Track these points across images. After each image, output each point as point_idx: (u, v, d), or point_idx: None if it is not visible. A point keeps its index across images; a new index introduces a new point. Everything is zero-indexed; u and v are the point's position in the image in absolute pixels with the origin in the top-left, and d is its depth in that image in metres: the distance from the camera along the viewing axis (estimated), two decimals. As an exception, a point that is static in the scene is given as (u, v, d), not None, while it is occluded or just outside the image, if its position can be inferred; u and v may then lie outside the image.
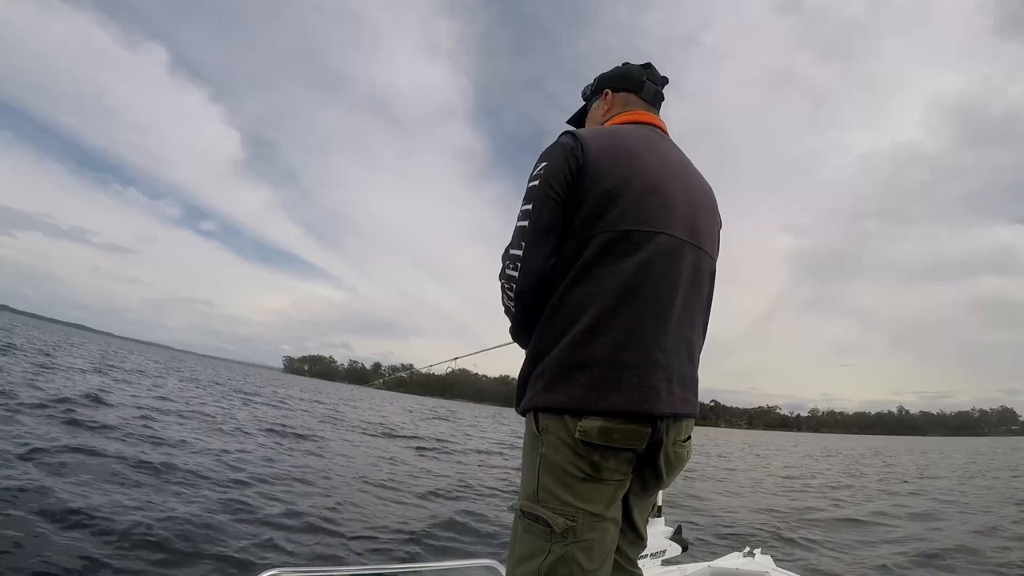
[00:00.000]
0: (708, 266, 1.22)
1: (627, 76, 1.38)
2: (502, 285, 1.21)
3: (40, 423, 6.65)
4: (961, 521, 7.15)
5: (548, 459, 1.07)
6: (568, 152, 1.13)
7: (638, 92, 1.36)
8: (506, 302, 1.21)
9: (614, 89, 1.38)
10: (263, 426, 10.88)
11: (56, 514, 3.74)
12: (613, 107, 1.38)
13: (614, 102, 1.37)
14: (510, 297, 1.18)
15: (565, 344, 1.07)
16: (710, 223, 1.25)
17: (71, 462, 5.13)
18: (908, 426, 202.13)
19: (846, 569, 4.57)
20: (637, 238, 1.09)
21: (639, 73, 1.37)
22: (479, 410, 73.94)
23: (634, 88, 1.36)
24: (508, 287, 1.19)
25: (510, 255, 1.18)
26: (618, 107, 1.37)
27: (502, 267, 1.21)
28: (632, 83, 1.37)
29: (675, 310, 1.11)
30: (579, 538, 1.04)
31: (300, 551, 4.04)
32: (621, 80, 1.38)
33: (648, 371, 1.06)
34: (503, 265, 1.21)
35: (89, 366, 19.02)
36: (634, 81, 1.37)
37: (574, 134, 1.16)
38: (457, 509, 5.69)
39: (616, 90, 1.38)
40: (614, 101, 1.38)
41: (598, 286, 1.07)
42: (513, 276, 1.16)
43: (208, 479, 5.45)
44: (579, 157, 1.12)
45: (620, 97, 1.37)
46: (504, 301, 1.22)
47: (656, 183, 1.14)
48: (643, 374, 1.05)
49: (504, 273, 1.20)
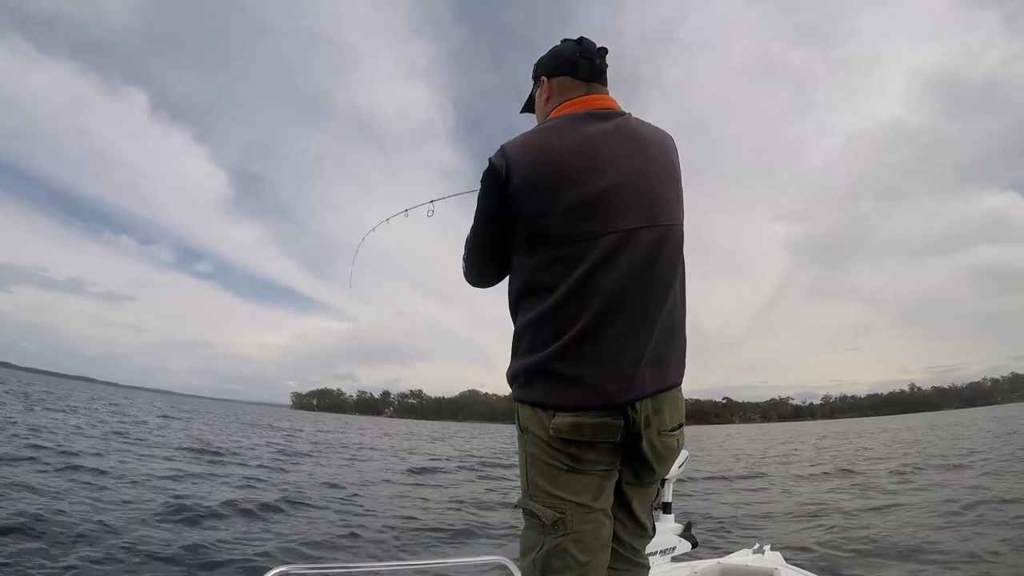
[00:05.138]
0: (673, 234, 1.20)
1: (559, 58, 1.32)
2: (463, 255, 1.36)
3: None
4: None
5: (532, 455, 1.14)
6: (493, 179, 1.16)
7: (573, 73, 1.29)
8: (461, 266, 1.38)
9: (549, 75, 1.33)
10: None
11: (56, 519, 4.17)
12: (552, 96, 1.32)
13: (552, 90, 1.32)
14: (463, 271, 1.37)
15: (537, 352, 1.14)
16: (668, 188, 1.23)
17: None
18: (922, 403, 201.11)
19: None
20: (581, 249, 1.11)
21: (571, 51, 1.30)
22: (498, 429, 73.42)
23: (568, 70, 1.30)
24: (462, 263, 1.36)
25: (465, 242, 1.33)
26: (556, 95, 1.31)
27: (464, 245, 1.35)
28: (566, 64, 1.30)
29: (639, 297, 1.12)
30: (569, 530, 1.08)
31: (316, 549, 4.32)
32: (555, 64, 1.33)
33: (613, 363, 1.09)
34: (464, 244, 1.34)
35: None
36: (567, 62, 1.30)
37: (505, 155, 1.16)
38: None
39: (551, 75, 1.32)
40: (552, 89, 1.32)
41: (555, 298, 1.11)
42: (462, 264, 1.36)
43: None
44: (504, 187, 1.15)
45: (557, 83, 1.32)
46: (461, 264, 1.39)
47: (590, 185, 1.13)
48: (608, 367, 1.09)
49: (464, 252, 1.35)
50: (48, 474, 6.64)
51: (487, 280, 1.34)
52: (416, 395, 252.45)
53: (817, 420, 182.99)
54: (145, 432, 14.93)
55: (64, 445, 9.38)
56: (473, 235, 1.28)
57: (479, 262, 1.31)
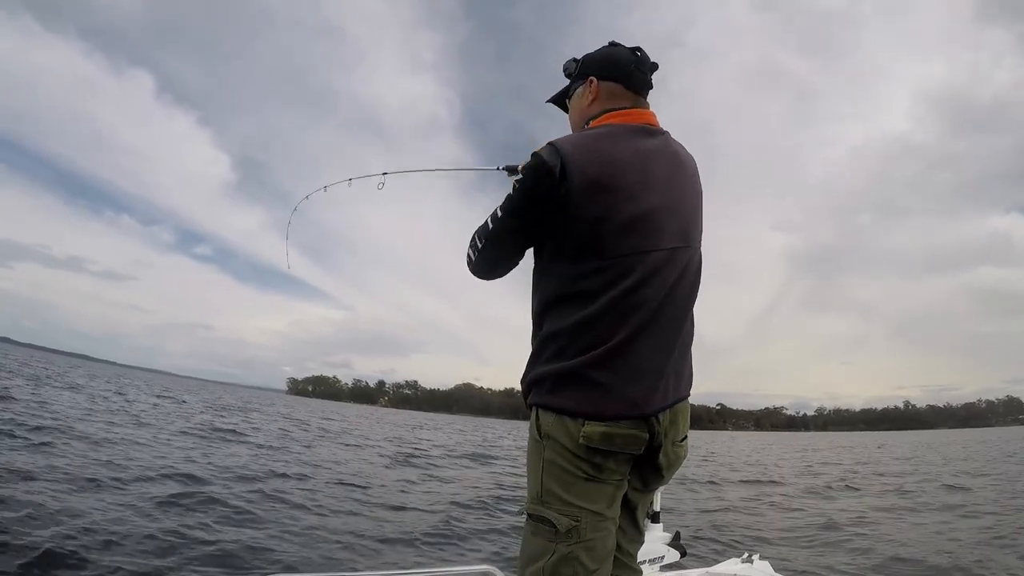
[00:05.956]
0: (697, 256, 1.24)
1: (615, 63, 1.27)
2: (470, 244, 1.26)
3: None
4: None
5: (551, 462, 1.12)
6: (545, 177, 1.09)
7: (626, 82, 1.26)
8: (467, 256, 1.28)
9: (599, 77, 1.27)
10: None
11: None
12: (598, 99, 1.27)
13: (599, 93, 1.27)
14: (468, 261, 1.27)
15: (569, 359, 1.12)
16: (698, 213, 1.25)
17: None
18: (916, 420, 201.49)
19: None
20: (628, 263, 1.11)
21: (628, 59, 1.26)
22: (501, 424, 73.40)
23: (621, 78, 1.26)
24: (470, 253, 1.25)
25: (478, 234, 1.23)
26: (603, 99, 1.27)
27: (473, 235, 1.24)
28: (620, 71, 1.26)
29: (671, 314, 1.15)
30: (582, 538, 1.08)
31: (303, 555, 4.12)
32: (608, 67, 1.27)
33: (643, 376, 1.11)
34: (475, 234, 1.24)
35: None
36: (622, 69, 1.26)
37: (560, 153, 1.09)
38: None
39: (602, 78, 1.27)
40: (599, 92, 1.27)
41: (597, 308, 1.10)
42: (471, 255, 1.25)
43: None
44: (557, 187, 1.08)
45: (605, 87, 1.27)
46: (467, 254, 1.28)
47: (644, 201, 1.12)
48: (639, 379, 1.10)
49: (472, 241, 1.25)
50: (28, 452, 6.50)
51: (498, 274, 1.30)
52: (411, 386, 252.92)
53: (811, 431, 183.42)
54: (150, 416, 14.77)
55: (62, 423, 9.22)
56: (497, 229, 1.20)
57: (494, 256, 1.25)
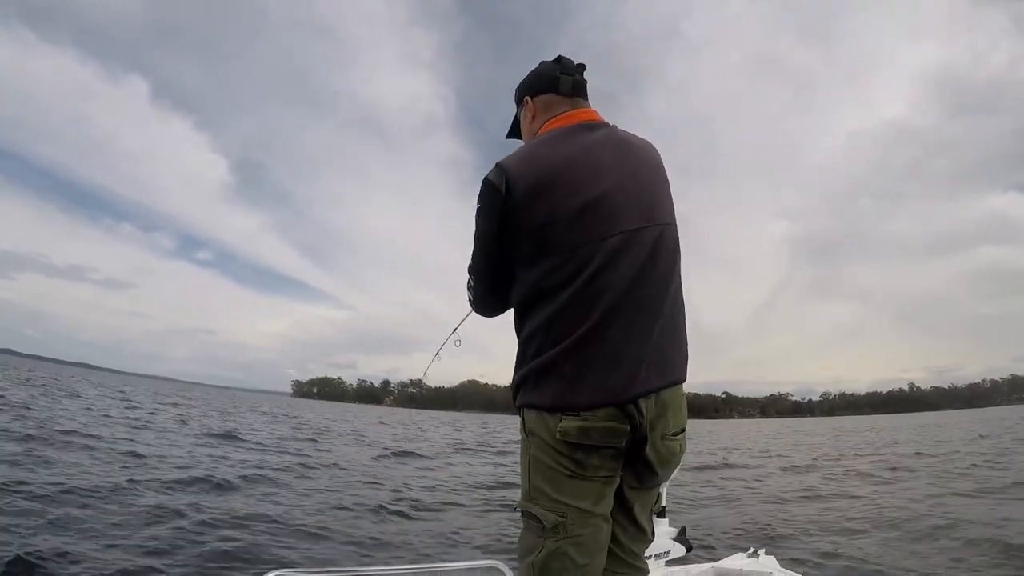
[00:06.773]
0: (670, 233, 1.24)
1: (540, 76, 1.37)
2: (466, 286, 1.38)
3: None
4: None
5: (536, 459, 1.16)
6: (494, 197, 1.17)
7: (556, 90, 1.34)
8: (468, 301, 1.43)
9: (532, 95, 1.38)
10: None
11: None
12: (537, 114, 1.36)
13: (536, 109, 1.37)
14: (470, 304, 1.42)
15: (544, 355, 1.15)
16: (660, 190, 1.28)
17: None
18: (921, 402, 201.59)
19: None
20: (586, 251, 1.13)
21: (551, 69, 1.35)
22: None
23: (550, 87, 1.35)
24: (469, 296, 1.39)
25: (468, 272, 1.34)
26: (541, 112, 1.36)
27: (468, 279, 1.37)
28: (547, 82, 1.35)
29: (643, 295, 1.15)
30: (569, 534, 1.12)
31: (306, 552, 4.16)
32: (535, 83, 1.38)
33: (618, 361, 1.11)
34: (469, 274, 1.35)
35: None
36: (548, 79, 1.35)
37: (503, 171, 1.18)
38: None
39: (534, 95, 1.37)
40: (536, 108, 1.37)
41: (560, 302, 1.13)
42: (469, 298, 1.39)
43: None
44: (505, 203, 1.16)
45: (540, 101, 1.36)
46: (468, 299, 1.42)
47: (592, 189, 1.16)
48: (614, 364, 1.11)
49: (467, 284, 1.37)
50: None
51: (500, 302, 1.33)
52: (416, 384, 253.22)
53: (816, 416, 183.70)
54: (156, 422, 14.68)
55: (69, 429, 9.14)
56: (476, 261, 1.28)
57: (490, 286, 1.30)
